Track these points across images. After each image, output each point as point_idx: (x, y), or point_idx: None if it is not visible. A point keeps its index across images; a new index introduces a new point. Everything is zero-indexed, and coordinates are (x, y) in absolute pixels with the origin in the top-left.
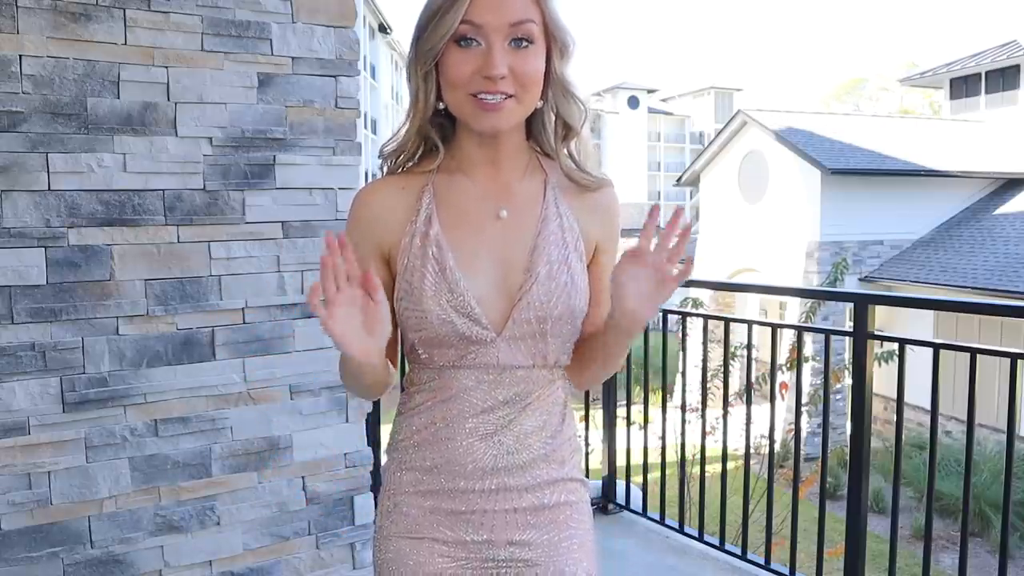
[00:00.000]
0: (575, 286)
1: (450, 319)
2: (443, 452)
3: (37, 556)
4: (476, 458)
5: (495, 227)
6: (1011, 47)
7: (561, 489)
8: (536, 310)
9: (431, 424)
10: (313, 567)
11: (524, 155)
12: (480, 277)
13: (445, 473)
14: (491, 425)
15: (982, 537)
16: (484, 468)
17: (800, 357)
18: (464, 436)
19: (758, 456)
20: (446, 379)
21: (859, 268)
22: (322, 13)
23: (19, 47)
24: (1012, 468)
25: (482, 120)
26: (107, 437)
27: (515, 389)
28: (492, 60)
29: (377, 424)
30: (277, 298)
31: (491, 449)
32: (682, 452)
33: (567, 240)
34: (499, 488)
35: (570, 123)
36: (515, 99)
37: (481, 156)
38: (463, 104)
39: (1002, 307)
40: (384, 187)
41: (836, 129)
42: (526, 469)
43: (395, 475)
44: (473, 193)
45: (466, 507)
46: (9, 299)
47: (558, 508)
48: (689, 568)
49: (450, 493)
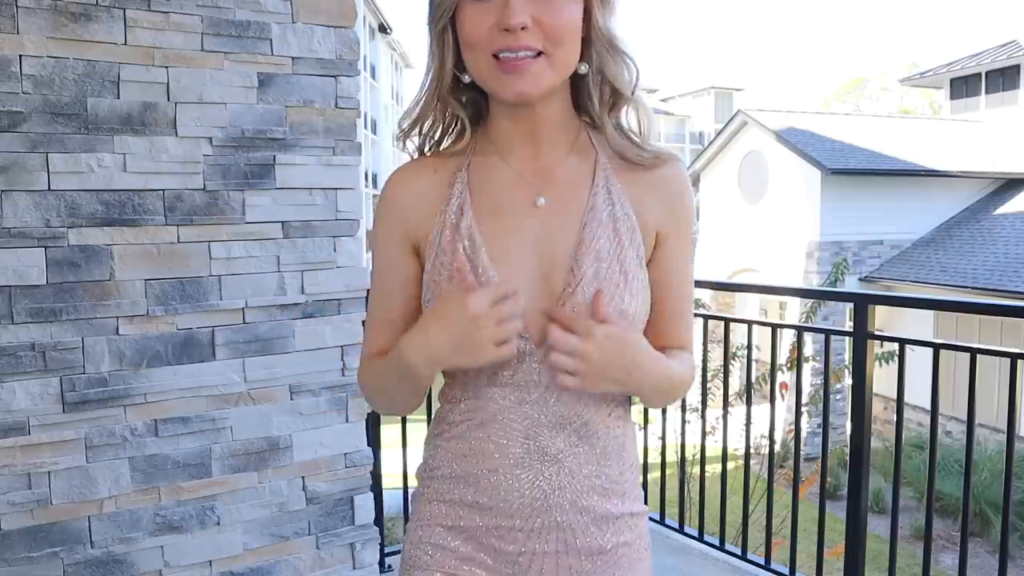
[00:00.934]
0: (629, 287)
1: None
2: (483, 486)
3: (37, 556)
4: (522, 492)
5: (533, 217)
6: (1011, 47)
7: (621, 528)
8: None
9: (469, 453)
10: (313, 567)
11: (570, 130)
12: (516, 276)
13: (487, 510)
14: (537, 454)
15: (982, 537)
16: (531, 505)
17: (800, 357)
18: (508, 468)
19: (758, 456)
20: (481, 398)
21: (859, 268)
22: (322, 13)
23: (19, 47)
24: (1012, 468)
25: (505, 85)
26: (107, 437)
27: (562, 411)
28: (509, 8)
29: (377, 424)
30: (277, 298)
31: (539, 482)
32: (682, 452)
33: (620, 232)
34: (549, 527)
35: (618, 87)
36: (545, 57)
37: (517, 133)
38: (483, 68)
39: (1002, 307)
40: (415, 170)
41: (836, 129)
42: (580, 505)
43: (429, 505)
44: (508, 177)
45: (512, 547)
46: (9, 299)
47: (616, 550)
48: (689, 568)
49: (493, 532)
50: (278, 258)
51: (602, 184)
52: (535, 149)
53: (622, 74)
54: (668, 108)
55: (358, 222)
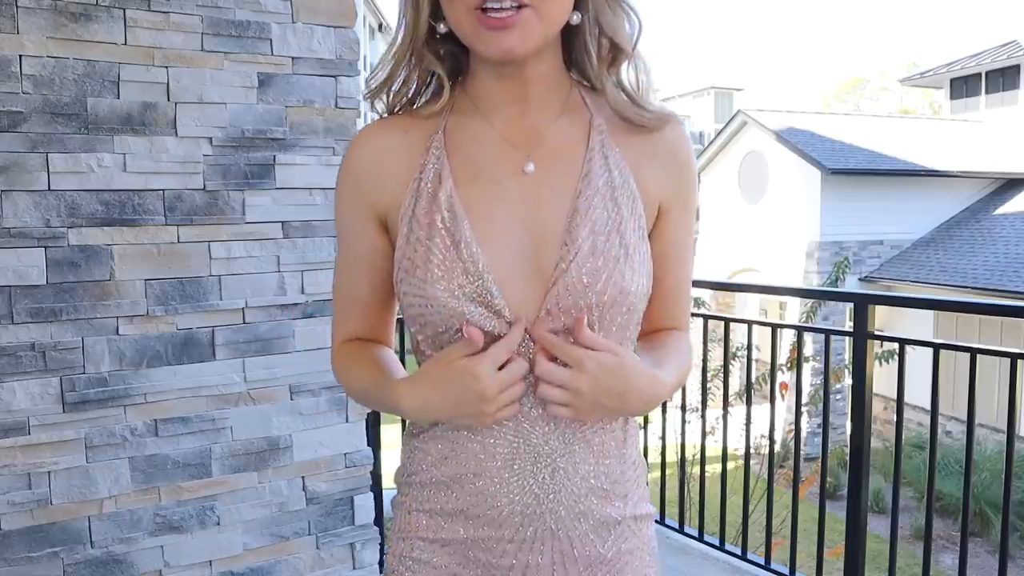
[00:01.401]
0: (630, 261)
1: (462, 310)
2: (469, 493)
3: (37, 556)
4: (512, 498)
5: (520, 185)
6: (1011, 47)
7: (624, 534)
8: (578, 295)
9: (451, 455)
10: (313, 567)
11: (561, 89)
12: (502, 253)
13: (474, 519)
14: (527, 454)
15: (982, 537)
16: (523, 512)
17: (800, 357)
18: (495, 471)
19: (758, 456)
20: None
21: (859, 268)
22: (322, 13)
23: (19, 47)
24: (1012, 468)
25: (489, 42)
26: (107, 437)
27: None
28: None
29: (377, 424)
30: (277, 298)
31: (530, 486)
32: (682, 452)
33: (619, 201)
34: (542, 536)
35: (617, 41)
36: (532, 9)
37: (502, 92)
38: (463, 21)
39: (1002, 307)
40: (383, 131)
41: (836, 129)
42: (577, 511)
43: (410, 516)
44: (492, 140)
45: (503, 560)
46: (9, 299)
47: (618, 559)
48: (689, 568)
49: (481, 543)
50: (278, 258)
51: (598, 148)
52: (522, 109)
53: (622, 26)
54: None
55: None
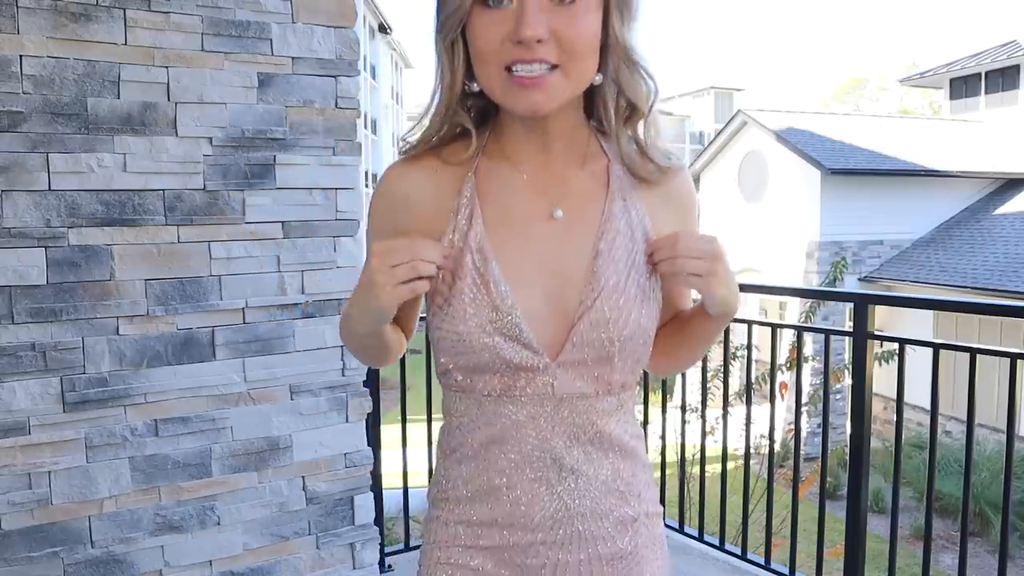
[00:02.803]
0: (647, 299)
1: (493, 343)
2: (503, 504)
3: (37, 556)
4: (543, 505)
5: (548, 230)
6: (1011, 47)
7: (639, 529)
8: (601, 330)
9: (484, 472)
10: (313, 567)
11: (583, 139)
12: (529, 291)
13: (508, 527)
14: (554, 467)
15: (982, 537)
16: (553, 517)
17: (800, 357)
18: (526, 483)
19: (758, 456)
20: (491, 412)
21: (859, 268)
22: (322, 13)
23: (19, 47)
24: (1012, 468)
25: (519, 99)
26: (107, 437)
27: (576, 421)
28: (524, 18)
29: (377, 424)
30: (277, 298)
31: (558, 494)
32: (682, 452)
33: (636, 240)
34: (571, 537)
35: (635, 102)
36: (561, 71)
37: (528, 143)
38: (495, 80)
39: (1002, 307)
40: (415, 167)
41: (836, 129)
42: (600, 511)
43: (446, 527)
44: (521, 187)
45: (535, 560)
46: (9, 299)
47: (635, 553)
48: (689, 568)
49: (516, 548)
50: (278, 258)
51: (617, 192)
52: (547, 158)
53: (640, 88)
54: (668, 108)
55: (358, 222)
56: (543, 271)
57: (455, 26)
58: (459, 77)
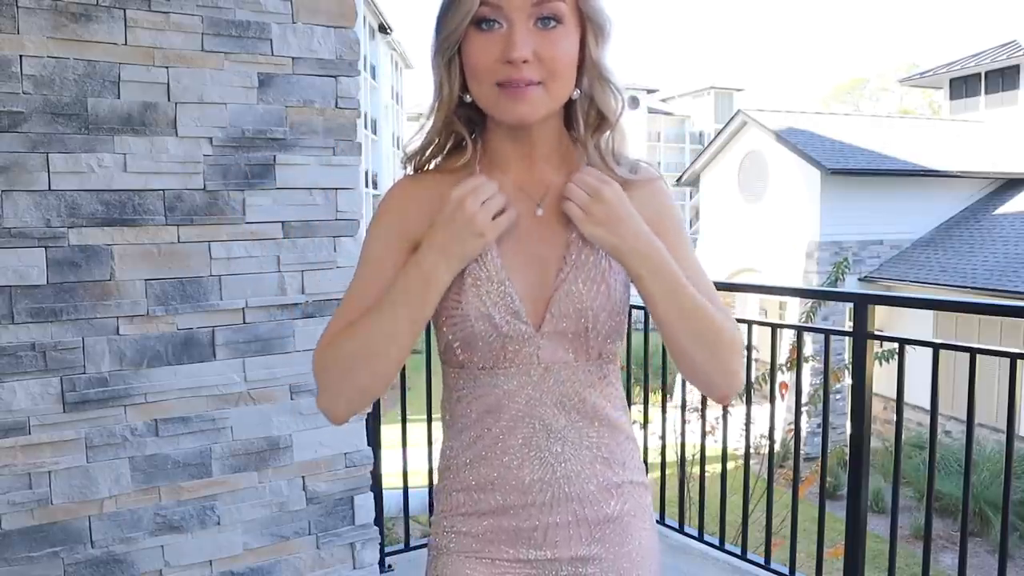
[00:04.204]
0: (615, 275)
1: (488, 313)
2: (496, 468)
3: (37, 556)
4: (533, 469)
5: (532, 225)
6: (1011, 47)
7: (624, 496)
8: (575, 301)
9: (479, 439)
10: (313, 567)
11: (562, 146)
12: (519, 271)
13: (500, 490)
14: (542, 432)
15: (982, 537)
16: (542, 479)
17: (800, 357)
18: (516, 448)
19: (758, 456)
20: (485, 384)
21: (859, 268)
22: (322, 13)
23: (19, 47)
24: (1012, 468)
25: (507, 109)
26: (107, 437)
27: (561, 389)
28: (513, 42)
29: (377, 424)
30: (277, 298)
31: (545, 458)
32: (682, 452)
33: None
34: (559, 499)
35: (605, 113)
36: (543, 87)
37: (514, 150)
38: (488, 95)
39: (1002, 307)
40: (420, 183)
41: (836, 129)
42: (584, 476)
43: (450, 496)
44: (508, 189)
45: (527, 523)
46: (9, 299)
47: (621, 519)
48: (689, 568)
49: (509, 510)
50: (278, 258)
51: None
52: (530, 163)
53: (609, 102)
54: (668, 108)
55: (358, 222)
56: (530, 259)
57: (452, 46)
58: (456, 91)
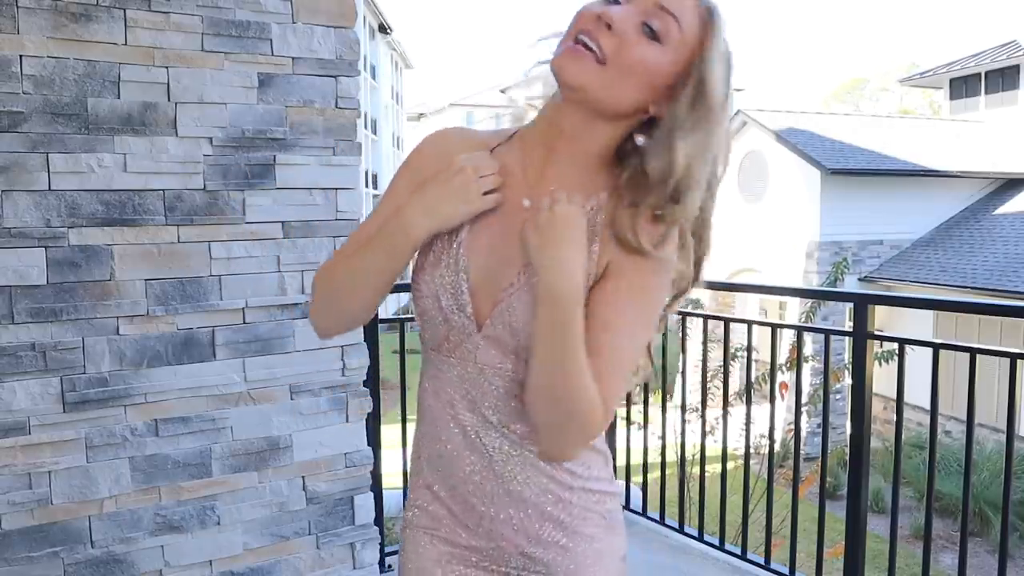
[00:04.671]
0: None
1: (436, 295)
2: (442, 452)
3: (37, 556)
4: (472, 460)
5: (515, 217)
6: (1011, 47)
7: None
8: (513, 318)
9: (432, 420)
10: (313, 567)
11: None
12: (479, 264)
13: (448, 474)
14: (480, 426)
15: (982, 537)
16: (480, 472)
17: (800, 357)
18: (458, 437)
19: (758, 456)
20: (435, 366)
21: (859, 268)
22: (322, 13)
23: (19, 47)
24: (1012, 468)
25: (559, 57)
26: (107, 437)
27: (497, 393)
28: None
29: (377, 424)
30: (277, 298)
31: (484, 452)
32: (682, 452)
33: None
34: (499, 494)
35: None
36: (604, 66)
37: (541, 135)
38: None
39: (1002, 307)
40: (460, 135)
41: (836, 129)
42: (522, 478)
43: (420, 472)
44: (512, 173)
45: (472, 512)
46: (9, 299)
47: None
48: (689, 568)
49: (458, 496)
50: (278, 258)
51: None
52: (547, 154)
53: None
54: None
55: (358, 222)
56: (495, 255)
57: None
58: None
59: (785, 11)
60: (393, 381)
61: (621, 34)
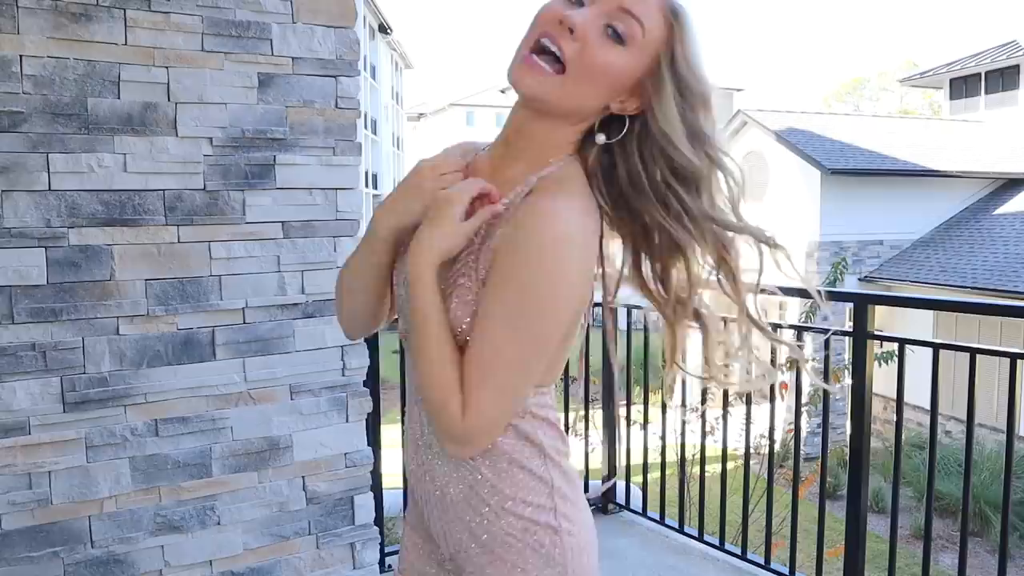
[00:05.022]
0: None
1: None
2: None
3: (38, 556)
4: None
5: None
6: (1011, 47)
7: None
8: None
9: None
10: (313, 567)
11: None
12: None
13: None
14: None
15: (982, 537)
16: (418, 466)
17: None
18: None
19: (758, 456)
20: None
21: (859, 268)
22: (322, 13)
23: (19, 47)
24: (1012, 468)
25: (514, 66)
26: (107, 437)
27: None
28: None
29: (377, 424)
30: (277, 298)
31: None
32: (682, 452)
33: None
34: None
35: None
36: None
37: (503, 134)
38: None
39: (1002, 307)
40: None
41: (836, 129)
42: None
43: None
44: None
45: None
46: (10, 299)
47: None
48: (689, 568)
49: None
50: (278, 258)
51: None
52: (504, 151)
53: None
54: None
55: (358, 222)
56: None
57: None
58: None
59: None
60: (393, 381)
61: (583, 38)
